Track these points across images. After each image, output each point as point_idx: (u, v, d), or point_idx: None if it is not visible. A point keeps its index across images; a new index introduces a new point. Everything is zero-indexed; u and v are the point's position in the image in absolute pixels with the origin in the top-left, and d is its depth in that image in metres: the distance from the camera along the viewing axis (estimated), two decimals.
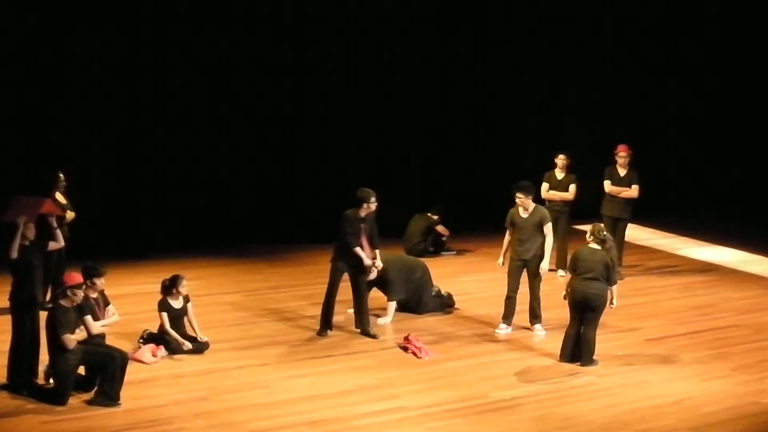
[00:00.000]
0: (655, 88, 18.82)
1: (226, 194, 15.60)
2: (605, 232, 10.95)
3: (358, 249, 11.45)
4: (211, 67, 15.32)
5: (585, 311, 10.81)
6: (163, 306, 10.96)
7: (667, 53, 18.75)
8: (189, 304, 11.10)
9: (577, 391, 10.25)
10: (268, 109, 15.85)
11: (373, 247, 11.62)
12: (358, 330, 11.71)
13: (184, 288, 11.01)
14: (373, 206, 11.51)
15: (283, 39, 15.75)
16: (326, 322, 11.69)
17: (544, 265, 11.79)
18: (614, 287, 10.87)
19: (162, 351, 10.74)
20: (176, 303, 11.00)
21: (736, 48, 18.82)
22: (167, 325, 10.89)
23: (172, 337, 10.84)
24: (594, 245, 10.82)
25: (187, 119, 15.28)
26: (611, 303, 10.91)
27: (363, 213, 11.48)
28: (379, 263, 11.66)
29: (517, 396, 10.03)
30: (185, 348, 10.80)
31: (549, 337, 11.75)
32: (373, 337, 11.58)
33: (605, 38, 18.24)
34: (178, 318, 10.98)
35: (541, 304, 11.97)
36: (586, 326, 10.83)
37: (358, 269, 11.59)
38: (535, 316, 12.01)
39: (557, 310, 12.04)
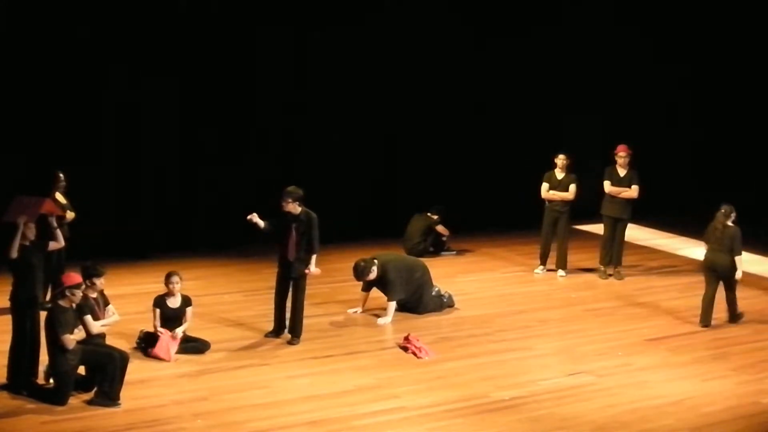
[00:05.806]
0: (655, 87, 18.80)
1: (227, 194, 15.57)
2: (733, 214, 12.20)
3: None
4: (212, 67, 15.30)
5: (717, 277, 12.12)
6: (157, 302, 10.89)
7: (668, 52, 18.74)
8: (189, 308, 10.98)
9: (577, 391, 10.24)
10: (268, 110, 15.83)
11: (298, 249, 11.22)
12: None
13: (174, 286, 10.84)
14: (284, 204, 11.15)
15: (283, 40, 15.75)
16: (276, 324, 11.56)
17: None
18: (738, 258, 12.03)
19: (175, 345, 10.71)
20: (172, 302, 10.90)
21: (742, 51, 18.80)
22: (156, 321, 10.80)
23: (157, 331, 10.77)
24: (727, 222, 12.12)
25: (187, 119, 15.27)
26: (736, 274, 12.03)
27: (285, 210, 11.23)
28: (313, 268, 11.33)
29: (517, 396, 10.01)
30: (159, 334, 10.72)
31: (549, 336, 11.74)
32: (289, 342, 11.35)
33: (605, 38, 18.23)
34: (173, 319, 10.88)
35: (544, 305, 11.88)
36: (726, 291, 12.25)
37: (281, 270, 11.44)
38: None
39: (558, 310, 12.04)
